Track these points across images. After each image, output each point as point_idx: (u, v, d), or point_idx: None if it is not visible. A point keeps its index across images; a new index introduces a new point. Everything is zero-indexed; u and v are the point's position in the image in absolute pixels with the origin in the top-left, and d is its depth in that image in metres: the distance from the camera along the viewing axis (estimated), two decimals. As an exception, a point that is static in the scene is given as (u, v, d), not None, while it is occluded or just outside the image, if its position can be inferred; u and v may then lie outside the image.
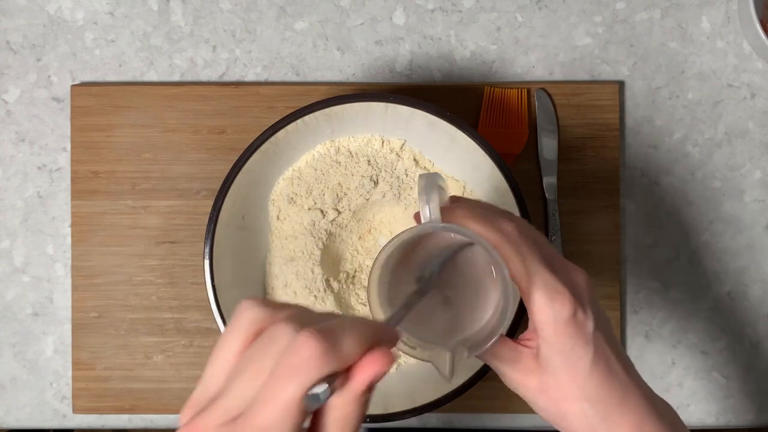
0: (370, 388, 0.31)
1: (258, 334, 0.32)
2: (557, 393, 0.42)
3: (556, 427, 0.44)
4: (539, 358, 0.42)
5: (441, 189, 0.42)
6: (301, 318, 0.32)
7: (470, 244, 0.44)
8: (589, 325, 0.41)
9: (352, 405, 0.31)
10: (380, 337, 0.33)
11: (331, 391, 0.30)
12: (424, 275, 0.44)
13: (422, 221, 0.41)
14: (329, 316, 0.33)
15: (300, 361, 0.30)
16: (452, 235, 0.43)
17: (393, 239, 0.42)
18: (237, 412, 0.31)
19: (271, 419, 0.30)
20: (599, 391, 0.41)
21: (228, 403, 0.31)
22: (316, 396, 0.30)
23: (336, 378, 0.31)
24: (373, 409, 0.56)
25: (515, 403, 0.64)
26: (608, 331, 0.43)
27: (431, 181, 0.41)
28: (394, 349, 0.34)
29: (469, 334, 0.45)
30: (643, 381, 0.44)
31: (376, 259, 0.42)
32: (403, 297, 0.42)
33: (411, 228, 0.41)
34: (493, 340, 0.41)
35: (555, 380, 0.42)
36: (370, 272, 0.42)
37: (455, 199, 0.44)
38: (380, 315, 0.43)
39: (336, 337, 0.30)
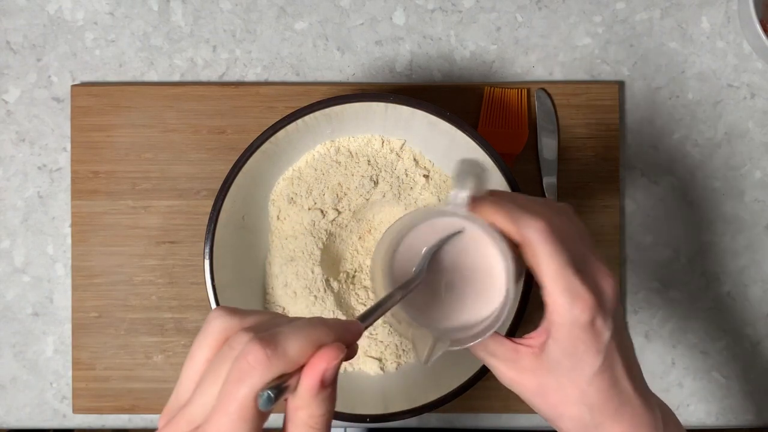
0: (324, 385, 0.32)
1: (225, 342, 0.33)
2: (557, 396, 0.42)
3: (551, 424, 0.44)
4: (545, 357, 0.42)
5: (478, 177, 0.41)
6: (263, 325, 0.33)
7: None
8: (606, 334, 0.41)
9: (313, 404, 0.32)
10: (340, 335, 0.33)
11: (281, 392, 0.31)
12: (421, 266, 0.44)
13: (448, 205, 0.41)
14: (293, 320, 0.34)
15: (247, 366, 0.31)
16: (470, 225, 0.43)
17: (411, 213, 0.42)
18: (200, 419, 0.32)
19: (226, 425, 0.31)
20: (598, 397, 0.42)
21: (192, 411, 0.32)
22: (267, 397, 0.30)
23: (289, 379, 0.32)
24: (373, 409, 0.56)
25: (514, 403, 0.64)
26: (623, 341, 0.42)
27: (467, 168, 0.41)
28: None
29: (462, 326, 0.44)
30: (648, 390, 0.44)
31: (389, 227, 0.42)
32: (406, 277, 0.42)
33: (434, 206, 0.41)
34: (478, 340, 0.41)
35: (557, 381, 0.42)
36: (379, 241, 0.42)
37: (494, 193, 0.44)
38: (381, 291, 0.43)
39: (281, 341, 0.32)
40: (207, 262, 0.55)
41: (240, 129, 0.65)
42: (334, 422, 0.55)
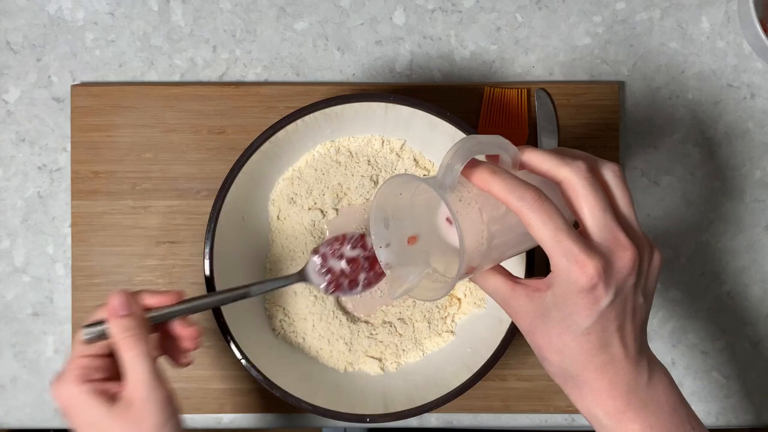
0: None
1: None
2: (542, 340, 0.44)
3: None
4: (539, 301, 0.43)
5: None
6: None
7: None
8: (603, 302, 0.42)
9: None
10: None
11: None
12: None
13: (437, 180, 0.42)
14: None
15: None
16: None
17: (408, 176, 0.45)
18: None
19: None
20: (580, 353, 0.43)
21: None
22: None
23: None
24: (373, 409, 0.56)
25: (514, 403, 0.64)
26: (625, 310, 0.43)
27: (464, 146, 0.42)
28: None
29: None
30: (643, 354, 0.44)
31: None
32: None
33: (421, 177, 0.43)
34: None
35: (545, 328, 0.43)
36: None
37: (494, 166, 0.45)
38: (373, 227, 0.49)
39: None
40: (207, 262, 0.55)
41: (240, 129, 0.65)
42: (334, 422, 0.56)
